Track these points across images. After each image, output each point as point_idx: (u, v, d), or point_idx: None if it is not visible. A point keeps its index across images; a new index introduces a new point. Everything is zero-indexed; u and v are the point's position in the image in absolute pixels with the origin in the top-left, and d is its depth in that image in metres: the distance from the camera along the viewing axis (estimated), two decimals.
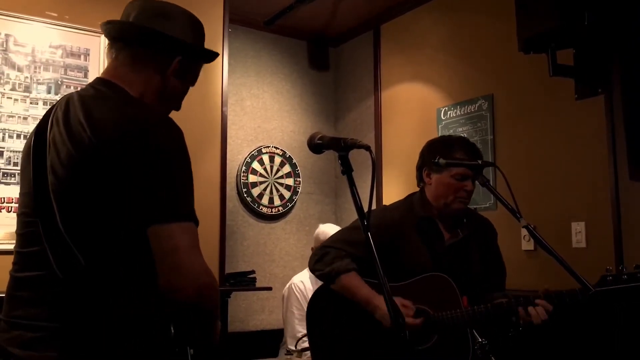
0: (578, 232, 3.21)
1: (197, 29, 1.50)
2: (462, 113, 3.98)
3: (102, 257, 1.25)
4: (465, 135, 3.74)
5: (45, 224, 1.29)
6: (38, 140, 1.37)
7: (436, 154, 2.19)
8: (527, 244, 3.44)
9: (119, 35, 1.44)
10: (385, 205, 2.43)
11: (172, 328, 1.29)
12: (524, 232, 3.30)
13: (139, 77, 1.41)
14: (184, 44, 1.44)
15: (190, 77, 1.51)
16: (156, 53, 1.42)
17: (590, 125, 3.20)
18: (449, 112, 4.07)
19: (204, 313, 1.27)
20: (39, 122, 1.41)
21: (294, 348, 3.13)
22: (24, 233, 1.35)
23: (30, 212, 1.33)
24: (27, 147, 1.41)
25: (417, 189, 2.37)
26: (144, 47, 1.41)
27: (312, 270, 2.31)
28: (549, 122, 3.42)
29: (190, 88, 1.56)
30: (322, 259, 2.26)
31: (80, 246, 1.25)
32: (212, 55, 1.54)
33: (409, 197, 2.36)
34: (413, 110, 4.41)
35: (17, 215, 1.39)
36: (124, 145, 1.23)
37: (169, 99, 1.47)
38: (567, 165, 3.31)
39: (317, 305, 2.32)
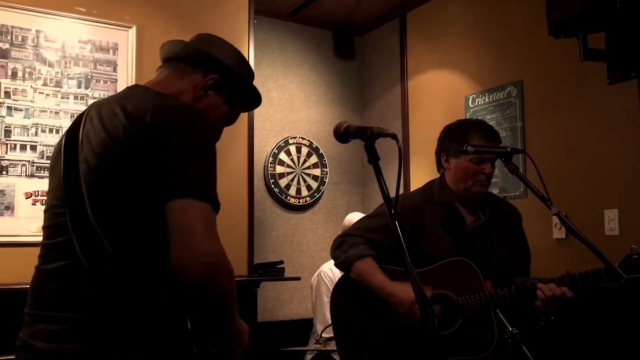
0: (611, 219, 3.16)
1: (242, 62, 1.58)
2: (490, 100, 3.92)
3: (128, 244, 1.26)
4: (494, 123, 3.70)
5: (73, 213, 1.30)
6: (70, 137, 1.40)
7: (453, 138, 2.19)
8: (559, 232, 3.39)
9: (168, 55, 1.54)
10: (404, 192, 2.42)
11: (188, 322, 1.26)
12: (555, 220, 3.25)
13: (175, 87, 1.47)
14: (222, 64, 1.51)
15: (227, 101, 1.54)
16: (195, 68, 1.50)
17: (622, 110, 3.13)
18: (477, 100, 4.02)
19: (215, 297, 1.22)
20: (72, 123, 1.45)
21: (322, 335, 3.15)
22: (50, 225, 1.37)
23: (59, 204, 1.34)
24: (58, 145, 1.46)
25: None
26: (185, 62, 1.50)
27: (333, 258, 2.32)
28: (580, 108, 3.36)
29: None
30: (340, 247, 2.27)
31: (108, 234, 1.26)
32: (255, 94, 1.61)
33: (429, 184, 2.36)
34: (440, 98, 4.37)
35: (45, 211, 1.41)
36: (155, 130, 1.26)
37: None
38: (599, 152, 3.25)
39: (339, 294, 2.32)
